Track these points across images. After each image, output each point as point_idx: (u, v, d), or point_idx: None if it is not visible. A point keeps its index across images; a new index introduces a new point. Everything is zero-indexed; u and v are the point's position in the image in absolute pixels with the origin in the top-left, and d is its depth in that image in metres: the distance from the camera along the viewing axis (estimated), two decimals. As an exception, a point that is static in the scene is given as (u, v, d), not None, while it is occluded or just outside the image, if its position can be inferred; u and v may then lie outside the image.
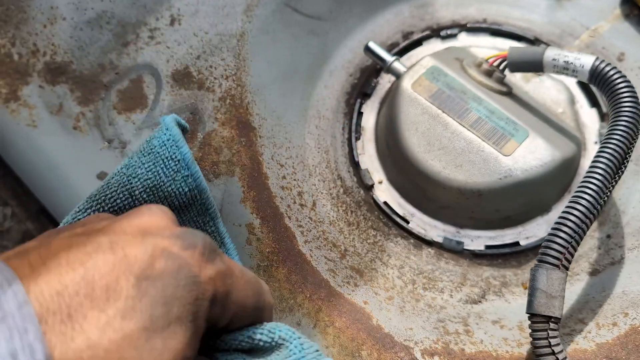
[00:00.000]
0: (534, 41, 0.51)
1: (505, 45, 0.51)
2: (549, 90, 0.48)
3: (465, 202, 0.43)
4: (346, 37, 0.53)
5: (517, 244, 0.45)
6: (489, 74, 0.45)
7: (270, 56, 0.50)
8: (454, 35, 0.53)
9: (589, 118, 0.49)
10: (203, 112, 0.47)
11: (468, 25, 0.53)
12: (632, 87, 0.40)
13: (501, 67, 0.46)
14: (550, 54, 0.42)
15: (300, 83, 0.51)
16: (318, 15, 0.52)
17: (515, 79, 0.49)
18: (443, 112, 0.43)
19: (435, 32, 0.53)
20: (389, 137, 0.46)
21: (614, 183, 0.38)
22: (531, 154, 0.42)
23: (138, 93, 0.47)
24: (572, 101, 0.48)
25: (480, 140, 0.42)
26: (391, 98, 0.47)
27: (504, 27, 0.52)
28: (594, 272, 0.44)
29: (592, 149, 0.48)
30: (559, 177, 0.44)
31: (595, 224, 0.46)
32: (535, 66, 0.43)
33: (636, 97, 0.40)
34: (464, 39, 0.53)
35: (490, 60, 0.45)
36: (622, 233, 0.45)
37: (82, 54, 0.47)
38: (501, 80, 0.46)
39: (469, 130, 0.43)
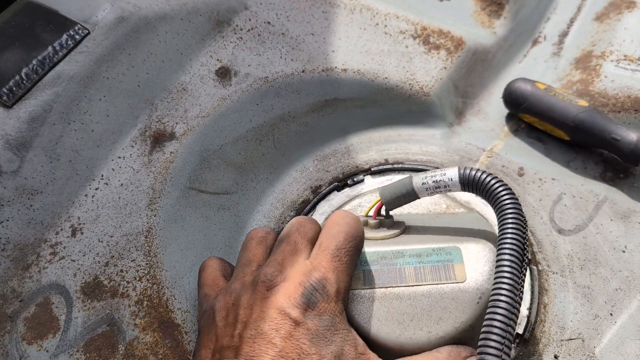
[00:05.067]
0: (437, 171, 0.53)
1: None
2: (423, 199, 0.48)
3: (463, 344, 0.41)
4: (257, 203, 0.53)
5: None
6: (381, 225, 0.45)
7: (182, 244, 0.48)
8: (360, 181, 0.53)
9: (465, 195, 0.50)
10: (121, 320, 0.45)
11: (372, 169, 0.54)
12: (502, 181, 0.40)
13: (383, 212, 0.45)
14: (418, 180, 0.42)
15: (219, 262, 0.50)
16: (225, 189, 0.52)
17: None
18: (385, 287, 0.41)
19: (343, 181, 0.54)
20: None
21: (522, 281, 0.37)
22: (478, 262, 0.41)
23: (47, 316, 0.44)
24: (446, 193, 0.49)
25: (435, 286, 0.41)
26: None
27: (406, 164, 0.53)
28: (553, 400, 0.43)
29: (490, 209, 0.49)
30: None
31: (541, 347, 0.45)
32: (410, 196, 0.43)
33: (509, 189, 0.40)
34: (370, 182, 0.53)
35: (373, 214, 0.45)
36: (568, 349, 0.44)
37: (-19, 287, 0.45)
38: (393, 222, 0.45)
39: (418, 285, 0.41)
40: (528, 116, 0.53)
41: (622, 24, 0.57)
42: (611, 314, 0.45)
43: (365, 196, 0.51)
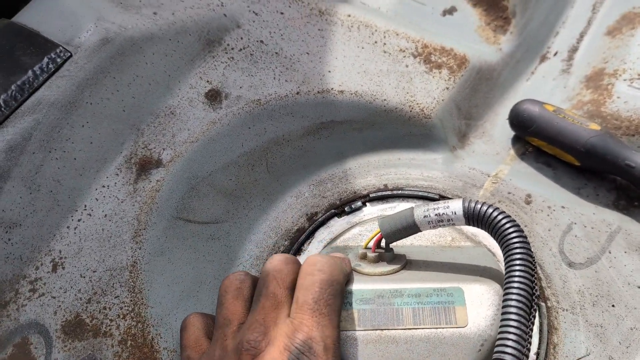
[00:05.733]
0: (439, 199, 0.50)
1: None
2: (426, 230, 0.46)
3: None
4: (250, 232, 0.50)
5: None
6: (380, 258, 0.42)
7: (169, 279, 0.46)
8: (358, 208, 0.51)
9: (471, 227, 0.47)
10: (103, 362, 0.42)
11: (370, 195, 0.51)
12: (510, 217, 0.37)
13: (383, 244, 0.42)
14: (420, 212, 0.39)
15: (208, 296, 0.47)
16: (215, 218, 0.49)
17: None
18: (381, 330, 0.38)
19: (340, 208, 0.51)
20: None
21: (530, 329, 0.35)
22: (482, 306, 0.38)
23: (26, 358, 0.42)
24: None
25: (434, 330, 0.38)
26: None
27: (406, 190, 0.51)
28: None
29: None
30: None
31: (550, 391, 0.42)
32: (411, 229, 0.40)
33: (518, 226, 0.37)
34: (369, 210, 0.51)
35: (372, 246, 0.42)
36: (580, 395, 0.42)
37: (-44, 326, 0.42)
38: (394, 256, 0.43)
39: (416, 328, 0.38)
40: (536, 140, 0.50)
41: (635, 39, 0.53)
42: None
43: (366, 224, 0.48)
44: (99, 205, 0.46)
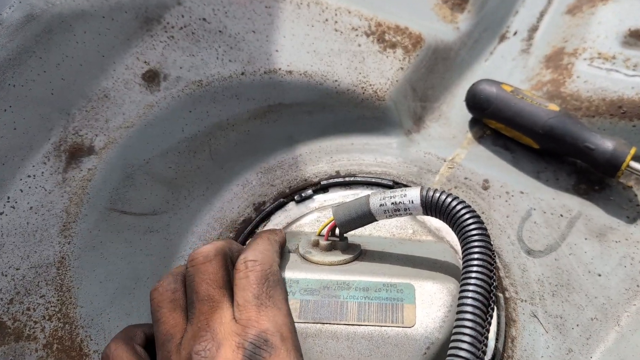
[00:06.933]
0: (393, 186, 0.47)
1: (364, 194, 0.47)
2: (388, 220, 0.43)
3: None
4: (192, 224, 0.47)
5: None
6: (332, 247, 0.39)
7: (102, 275, 0.42)
8: (309, 197, 0.48)
9: (435, 221, 0.44)
10: (26, 368, 0.39)
11: (322, 183, 0.48)
12: (470, 208, 0.34)
13: (337, 233, 0.40)
14: (375, 201, 0.36)
15: (146, 292, 0.44)
16: (153, 209, 0.46)
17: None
18: (322, 323, 0.35)
19: (290, 197, 0.48)
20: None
21: (487, 325, 0.32)
22: (432, 306, 0.35)
23: (-62, 365, 0.38)
24: (412, 216, 0.43)
25: (379, 328, 0.35)
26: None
27: (359, 176, 0.48)
28: None
29: None
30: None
31: (508, 386, 0.40)
32: (366, 219, 0.37)
33: (478, 217, 0.34)
34: (320, 198, 0.48)
35: (325, 233, 0.39)
36: (539, 389, 0.39)
37: None
38: (347, 246, 0.40)
39: (359, 325, 0.35)
40: (494, 122, 0.48)
41: (596, 18, 0.51)
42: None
43: (326, 210, 0.45)
44: (23, 197, 0.42)
